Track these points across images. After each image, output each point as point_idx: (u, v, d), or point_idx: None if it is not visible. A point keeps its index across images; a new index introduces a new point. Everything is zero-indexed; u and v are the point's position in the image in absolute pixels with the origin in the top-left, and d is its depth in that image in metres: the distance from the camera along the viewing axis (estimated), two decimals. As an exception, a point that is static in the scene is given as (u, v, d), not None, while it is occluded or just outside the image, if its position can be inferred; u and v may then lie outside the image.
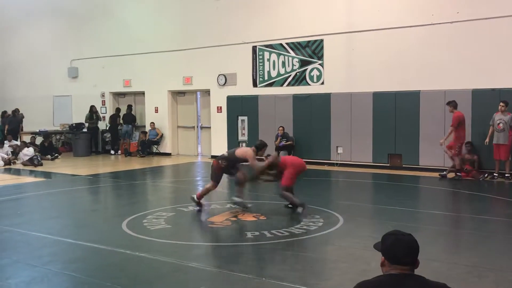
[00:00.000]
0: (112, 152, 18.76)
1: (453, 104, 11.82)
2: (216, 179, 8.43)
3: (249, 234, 6.81)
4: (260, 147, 8.47)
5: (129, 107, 18.84)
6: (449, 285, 2.57)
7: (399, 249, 2.56)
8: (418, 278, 2.54)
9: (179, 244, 6.54)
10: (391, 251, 2.57)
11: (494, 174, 11.72)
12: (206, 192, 8.52)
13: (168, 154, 18.07)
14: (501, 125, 11.41)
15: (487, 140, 11.62)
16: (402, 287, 2.47)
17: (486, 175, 11.78)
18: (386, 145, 13.66)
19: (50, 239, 6.76)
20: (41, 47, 21.18)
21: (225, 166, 8.33)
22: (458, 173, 11.81)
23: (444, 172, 12.15)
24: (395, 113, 13.42)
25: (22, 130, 19.29)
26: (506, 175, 11.57)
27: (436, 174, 12.28)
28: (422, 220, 8.12)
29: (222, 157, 8.46)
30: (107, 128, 19.12)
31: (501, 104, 11.45)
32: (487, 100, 11.99)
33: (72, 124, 19.34)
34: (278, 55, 15.45)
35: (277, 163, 8.41)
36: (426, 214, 8.49)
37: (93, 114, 18.88)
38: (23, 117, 19.75)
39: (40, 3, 21.33)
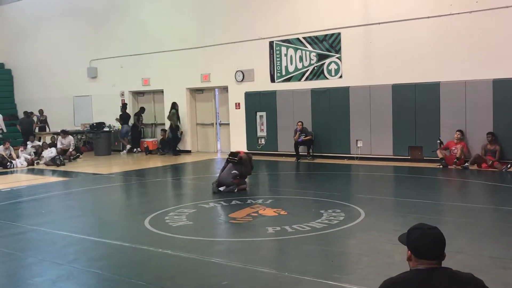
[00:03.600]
0: (134, 150, 18.89)
1: None
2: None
3: (270, 229, 6.82)
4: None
5: (124, 106, 19.03)
6: (480, 279, 2.55)
7: (426, 243, 2.53)
8: (445, 271, 2.52)
9: (201, 240, 6.59)
10: (418, 245, 2.54)
11: (517, 164, 11.55)
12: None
13: (188, 151, 18.16)
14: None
15: None
16: (431, 282, 2.45)
17: (509, 165, 11.62)
18: (407, 137, 13.54)
19: (75, 238, 6.86)
20: (60, 48, 21.43)
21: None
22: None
23: (467, 164, 12.04)
24: (415, 105, 13.29)
25: (35, 130, 19.56)
26: (530, 165, 11.40)
27: (457, 166, 12.14)
28: (444, 212, 8.06)
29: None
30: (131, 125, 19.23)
31: None
32: (508, 90, 11.81)
33: (92, 124, 19.55)
34: (295, 49, 15.40)
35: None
36: (449, 206, 8.42)
37: (176, 111, 17.77)
38: (42, 118, 20.09)
39: (58, 5, 21.58)
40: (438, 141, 12.64)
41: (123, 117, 18.94)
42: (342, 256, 5.86)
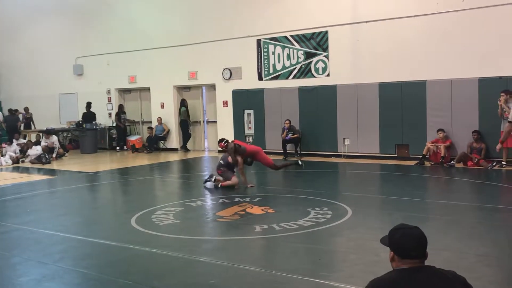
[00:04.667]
0: (118, 148, 18.84)
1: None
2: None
3: (257, 228, 6.81)
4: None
5: (88, 104, 19.01)
6: (462, 276, 2.57)
7: (408, 243, 2.56)
8: (429, 269, 2.54)
9: (188, 239, 6.56)
10: (401, 246, 2.57)
11: (503, 162, 11.66)
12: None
13: (175, 150, 18.10)
14: (507, 113, 11.34)
15: None
16: (415, 281, 2.47)
17: (494, 163, 11.73)
18: (393, 135, 13.61)
19: (60, 237, 6.80)
20: (46, 45, 21.22)
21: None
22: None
23: (453, 162, 12.14)
24: (402, 103, 13.36)
25: (20, 128, 19.39)
26: (515, 163, 11.52)
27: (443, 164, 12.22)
28: (430, 210, 8.11)
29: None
30: (114, 125, 19.16)
31: (501, 94, 11.40)
32: (494, 89, 11.90)
33: (78, 122, 19.40)
34: (283, 47, 15.40)
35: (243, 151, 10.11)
36: (435, 204, 8.47)
37: (186, 108, 17.76)
38: (28, 116, 19.91)
39: (44, 1, 21.35)
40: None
41: (86, 116, 18.92)
42: (329, 254, 5.87)
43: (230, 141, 10.58)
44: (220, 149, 16.74)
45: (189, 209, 8.28)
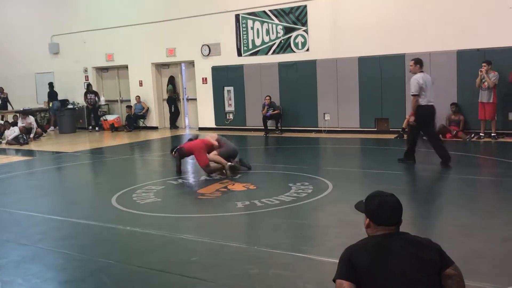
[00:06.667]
0: (90, 128, 18.64)
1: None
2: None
3: (239, 204, 6.82)
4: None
5: (51, 84, 18.95)
6: (438, 244, 2.60)
7: (385, 210, 2.59)
8: (403, 235, 2.59)
9: (170, 216, 6.54)
10: (377, 213, 2.59)
11: (480, 134, 11.81)
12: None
13: (155, 128, 17.96)
14: (485, 83, 11.45)
15: None
16: (389, 247, 2.50)
17: (472, 135, 11.87)
18: (373, 109, 13.66)
19: (40, 218, 6.73)
20: (20, 23, 20.71)
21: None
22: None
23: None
24: (381, 77, 13.39)
25: None
26: (492, 134, 11.67)
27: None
28: (411, 182, 8.21)
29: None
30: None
31: (483, 64, 11.47)
32: (472, 61, 11.98)
33: (55, 101, 19.07)
34: (262, 23, 15.26)
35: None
36: (415, 176, 8.56)
37: (174, 85, 17.76)
38: (3, 96, 19.54)
39: (16, -22, 20.78)
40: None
41: (50, 95, 18.85)
42: (310, 228, 5.91)
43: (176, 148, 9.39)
44: (200, 126, 16.71)
45: (170, 187, 8.25)
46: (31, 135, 15.93)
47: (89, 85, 18.63)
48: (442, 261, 2.51)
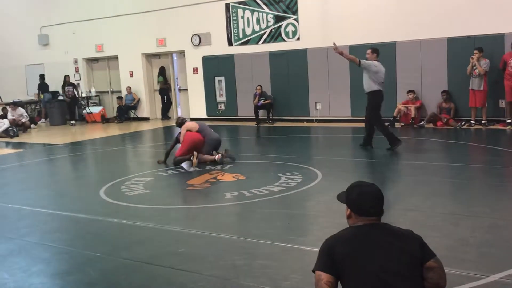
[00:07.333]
0: (72, 122, 17.66)
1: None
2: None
3: (228, 195, 6.80)
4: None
5: (42, 76, 18.78)
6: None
7: (366, 201, 2.57)
8: (383, 226, 2.57)
9: (158, 208, 6.51)
10: (358, 204, 2.58)
11: (471, 121, 11.82)
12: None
13: (146, 119, 17.88)
14: (476, 71, 11.44)
15: None
16: (370, 237, 2.49)
17: (463, 122, 11.88)
18: (364, 98, 13.50)
19: (27, 211, 6.68)
20: (9, 15, 20.48)
21: None
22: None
23: (422, 123, 12.25)
24: (372, 66, 13.32)
25: None
26: (483, 122, 11.69)
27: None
28: (400, 170, 8.21)
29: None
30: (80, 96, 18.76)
31: (475, 52, 11.45)
32: (462, 48, 11.95)
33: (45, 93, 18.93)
34: (252, 11, 15.16)
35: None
36: (404, 164, 8.56)
37: (165, 76, 17.67)
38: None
39: (3, -31, 20.53)
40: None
41: (41, 87, 18.73)
42: (299, 218, 5.90)
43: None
44: (192, 117, 16.63)
45: (160, 179, 8.21)
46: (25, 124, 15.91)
47: (65, 77, 17.83)
48: (423, 253, 2.50)
